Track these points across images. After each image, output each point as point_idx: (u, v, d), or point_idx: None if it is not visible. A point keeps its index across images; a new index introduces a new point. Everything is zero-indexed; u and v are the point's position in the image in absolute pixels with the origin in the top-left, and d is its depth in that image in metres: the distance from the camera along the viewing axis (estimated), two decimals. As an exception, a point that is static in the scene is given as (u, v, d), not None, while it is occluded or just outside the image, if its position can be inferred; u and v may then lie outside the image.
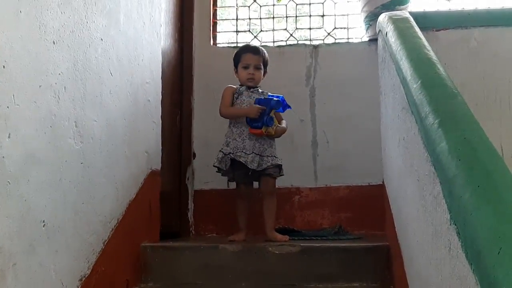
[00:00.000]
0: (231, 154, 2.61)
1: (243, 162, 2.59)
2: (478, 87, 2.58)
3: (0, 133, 1.30)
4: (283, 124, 2.77)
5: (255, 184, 2.74)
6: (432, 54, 1.65)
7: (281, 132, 2.73)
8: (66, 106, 1.64)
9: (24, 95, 1.40)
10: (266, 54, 2.83)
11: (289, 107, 2.71)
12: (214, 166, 2.65)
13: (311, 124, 3.25)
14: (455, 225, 1.01)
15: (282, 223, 2.96)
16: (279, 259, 2.19)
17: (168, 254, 2.28)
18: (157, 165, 2.49)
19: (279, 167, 2.68)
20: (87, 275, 1.76)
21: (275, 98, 2.64)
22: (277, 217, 3.06)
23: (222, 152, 2.65)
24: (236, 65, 2.78)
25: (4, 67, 1.31)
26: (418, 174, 1.40)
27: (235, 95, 2.75)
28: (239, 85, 2.78)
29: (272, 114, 2.63)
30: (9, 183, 1.33)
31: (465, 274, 0.94)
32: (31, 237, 1.44)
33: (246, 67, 2.74)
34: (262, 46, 3.37)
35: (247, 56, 2.76)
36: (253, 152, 2.62)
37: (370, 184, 3.09)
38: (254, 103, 2.66)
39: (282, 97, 2.68)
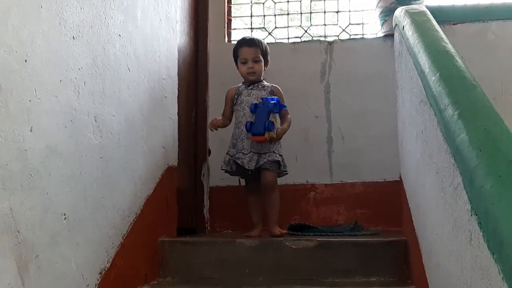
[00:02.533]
0: (233, 156, 2.64)
1: (240, 164, 2.61)
2: (496, 81, 2.56)
3: (22, 126, 1.32)
4: (288, 119, 2.71)
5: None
6: (450, 46, 1.64)
7: (283, 133, 2.67)
8: (86, 100, 1.66)
9: (45, 89, 1.42)
10: (264, 44, 2.77)
11: (284, 106, 2.68)
12: (221, 169, 2.69)
13: (326, 120, 3.25)
14: (476, 215, 1.01)
15: (297, 219, 2.97)
16: (296, 254, 2.19)
17: (186, 249, 2.29)
18: (174, 161, 2.51)
19: (278, 162, 2.63)
20: (106, 269, 1.78)
21: (271, 101, 2.59)
22: (292, 213, 3.08)
23: (229, 154, 2.68)
24: (236, 61, 2.77)
25: (26, 61, 1.33)
26: (437, 166, 1.40)
27: (235, 97, 2.74)
28: (242, 82, 2.77)
29: (271, 118, 2.58)
30: (32, 176, 1.35)
31: (487, 264, 0.94)
32: (53, 230, 1.46)
33: (244, 62, 2.71)
34: (276, 43, 3.40)
35: (243, 50, 2.72)
36: (251, 151, 2.62)
37: (386, 180, 3.08)
38: (250, 110, 2.63)
39: (277, 98, 2.65)
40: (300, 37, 3.44)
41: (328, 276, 2.15)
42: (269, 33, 3.49)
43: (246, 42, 2.75)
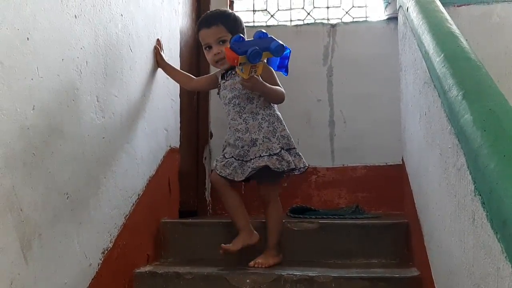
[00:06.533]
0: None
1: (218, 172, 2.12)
2: (500, 63, 2.55)
3: (24, 104, 1.32)
4: (277, 89, 2.11)
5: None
6: (454, 27, 1.63)
7: (261, 87, 2.04)
8: (88, 80, 1.65)
9: (47, 68, 1.41)
10: (229, 15, 2.19)
11: (286, 71, 2.09)
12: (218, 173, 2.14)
13: (328, 104, 3.24)
14: (480, 195, 1.01)
15: (299, 202, 2.97)
16: (297, 236, 2.20)
17: (188, 230, 2.30)
18: (176, 142, 2.51)
19: (268, 168, 2.01)
20: (109, 248, 1.79)
21: (280, 42, 1.96)
22: (294, 196, 3.09)
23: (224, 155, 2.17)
24: None
25: (28, 39, 1.32)
26: (441, 147, 1.39)
27: (218, 85, 2.24)
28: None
29: (264, 56, 1.95)
30: (34, 154, 1.35)
31: (490, 243, 0.93)
32: (55, 209, 1.46)
33: (208, 48, 2.16)
34: (279, 25, 3.38)
35: (202, 34, 2.17)
36: (232, 157, 2.10)
37: (388, 164, 3.08)
38: (254, 36, 1.98)
39: (290, 51, 2.04)
40: (303, 20, 3.42)
41: (329, 258, 2.16)
42: (272, 16, 3.47)
43: (203, 23, 2.17)
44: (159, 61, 2.28)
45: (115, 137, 1.86)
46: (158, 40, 2.29)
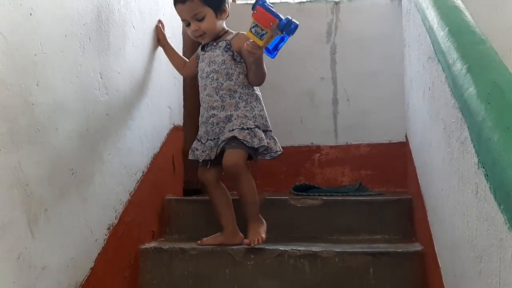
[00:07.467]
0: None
1: (193, 157, 2.11)
2: (504, 37, 2.51)
3: (28, 80, 1.32)
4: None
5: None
6: (459, 1, 1.62)
7: (262, 60, 1.99)
8: (91, 57, 1.65)
9: (50, 44, 1.41)
10: None
11: (275, 54, 2.01)
12: (189, 158, 2.16)
13: (332, 82, 3.22)
14: (483, 168, 1.01)
15: (302, 181, 2.98)
16: (301, 212, 2.21)
17: (192, 208, 2.32)
18: (179, 120, 2.52)
19: (236, 139, 1.95)
20: (114, 224, 1.80)
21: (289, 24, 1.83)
22: (297, 174, 3.09)
23: (196, 138, 2.15)
24: None
25: (31, 14, 1.32)
26: (444, 122, 1.39)
27: (197, 61, 2.18)
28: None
29: (272, 33, 1.86)
30: (39, 130, 1.35)
31: (493, 215, 0.94)
32: (61, 185, 1.47)
33: (187, 24, 2.07)
34: (282, 3, 3.34)
35: (178, 10, 2.05)
36: (208, 139, 2.07)
37: (391, 141, 3.08)
38: (255, 4, 1.86)
39: (289, 37, 1.96)
40: (306, -3, 3.39)
41: (333, 234, 2.18)
42: (275, -7, 3.43)
43: None
44: (160, 39, 2.26)
45: (119, 114, 1.86)
46: (159, 20, 2.27)
